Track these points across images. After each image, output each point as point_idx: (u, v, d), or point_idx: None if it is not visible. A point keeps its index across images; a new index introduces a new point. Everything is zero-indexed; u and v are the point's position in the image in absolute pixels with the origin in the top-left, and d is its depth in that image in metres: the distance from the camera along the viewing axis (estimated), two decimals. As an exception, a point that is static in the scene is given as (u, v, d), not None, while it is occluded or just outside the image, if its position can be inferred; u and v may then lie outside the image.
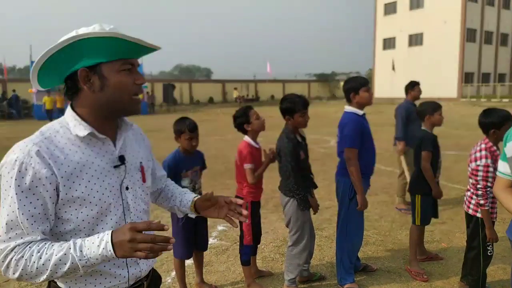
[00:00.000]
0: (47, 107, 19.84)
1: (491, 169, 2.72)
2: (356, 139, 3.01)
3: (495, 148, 2.81)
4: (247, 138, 3.10)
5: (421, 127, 3.52)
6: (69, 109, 1.26)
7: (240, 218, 1.46)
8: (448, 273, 3.43)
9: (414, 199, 3.45)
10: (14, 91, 25.21)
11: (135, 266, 1.31)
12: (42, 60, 1.17)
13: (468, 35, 36.28)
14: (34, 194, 1.11)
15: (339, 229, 3.23)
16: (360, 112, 3.09)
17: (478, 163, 2.76)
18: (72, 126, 1.21)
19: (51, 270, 1.07)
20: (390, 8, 41.77)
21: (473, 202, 2.88)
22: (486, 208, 2.74)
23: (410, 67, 36.98)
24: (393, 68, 31.62)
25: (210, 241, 3.92)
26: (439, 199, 3.53)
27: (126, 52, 1.21)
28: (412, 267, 3.41)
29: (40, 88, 1.29)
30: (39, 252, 1.09)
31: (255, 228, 3.19)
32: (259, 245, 3.44)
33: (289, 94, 3.12)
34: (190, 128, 2.90)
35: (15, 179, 1.10)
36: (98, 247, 1.07)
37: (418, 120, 3.68)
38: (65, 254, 1.07)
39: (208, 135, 13.03)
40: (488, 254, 2.89)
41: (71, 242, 1.09)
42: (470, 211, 2.91)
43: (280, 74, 59.63)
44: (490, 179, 2.71)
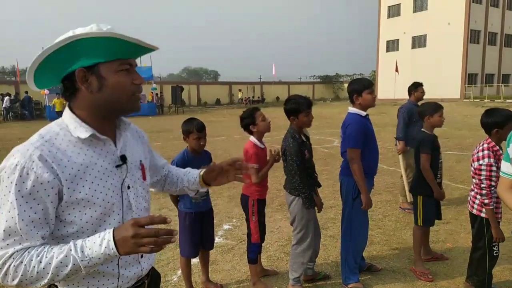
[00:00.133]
0: (57, 109, 20.02)
1: (494, 168, 2.72)
2: (358, 140, 3.03)
3: (497, 147, 2.82)
4: (252, 139, 3.14)
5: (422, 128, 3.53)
6: (67, 110, 1.23)
7: (249, 172, 1.53)
8: (454, 273, 3.43)
9: (416, 200, 3.46)
10: (27, 92, 25.41)
11: (136, 265, 1.30)
12: (38, 60, 1.15)
13: (472, 37, 36.14)
14: (35, 199, 1.09)
15: (344, 228, 3.25)
16: (363, 113, 3.12)
17: (481, 162, 2.77)
18: (72, 128, 1.19)
19: (52, 273, 1.06)
20: (394, 11, 41.74)
21: (477, 202, 2.88)
22: (491, 207, 2.75)
23: (413, 68, 36.90)
24: (396, 70, 31.53)
25: (216, 240, 3.95)
26: (443, 200, 3.52)
27: (124, 52, 1.20)
28: (417, 267, 3.42)
29: (36, 89, 1.27)
30: (38, 256, 1.07)
31: (261, 226, 3.22)
32: (263, 243, 3.46)
33: (293, 95, 3.17)
34: (198, 128, 2.95)
35: (16, 184, 1.07)
36: (100, 246, 1.06)
37: (420, 121, 3.70)
38: (66, 256, 1.06)
39: (214, 135, 13.12)
40: (494, 254, 2.89)
41: (71, 244, 1.08)
42: (474, 211, 2.91)
43: (285, 76, 59.83)
44: (494, 178, 2.71)
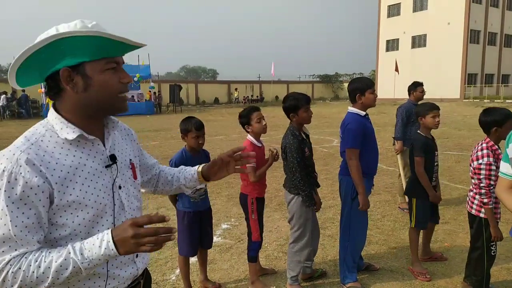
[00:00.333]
0: (50, 107, 19.96)
1: (493, 167, 2.72)
2: (357, 140, 3.03)
3: (496, 147, 2.81)
4: (249, 137, 3.14)
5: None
6: (52, 111, 1.20)
7: (249, 160, 1.48)
8: (451, 273, 3.44)
9: (410, 202, 3.48)
10: (24, 91, 25.30)
11: (131, 265, 1.29)
12: (21, 59, 1.11)
13: (472, 37, 36.18)
14: (26, 204, 1.06)
15: (342, 228, 3.25)
16: (363, 113, 3.12)
17: (480, 161, 2.76)
18: (58, 129, 1.16)
19: (52, 277, 1.05)
20: (394, 10, 41.77)
21: (475, 202, 2.89)
22: (490, 206, 2.75)
23: (413, 68, 36.93)
24: (396, 70, 31.54)
25: (214, 239, 3.94)
26: (438, 203, 3.51)
27: (111, 51, 1.15)
28: (414, 268, 3.42)
29: (18, 87, 1.23)
30: (36, 261, 1.05)
31: (259, 224, 3.22)
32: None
33: (291, 93, 3.17)
34: (196, 127, 2.94)
35: (5, 190, 1.04)
36: (99, 247, 1.06)
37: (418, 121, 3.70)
38: (65, 259, 1.05)
39: (213, 134, 13.13)
40: (492, 254, 2.90)
41: (69, 247, 1.07)
42: (473, 211, 2.91)
43: (284, 75, 59.87)
44: (493, 178, 2.71)
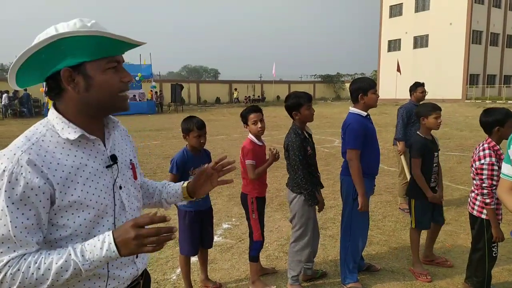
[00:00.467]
0: (49, 106, 20.01)
1: (496, 167, 2.71)
2: (358, 140, 3.03)
3: (498, 147, 2.81)
4: (250, 136, 3.17)
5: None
6: (53, 110, 1.19)
7: (231, 169, 1.48)
8: (452, 274, 3.43)
9: (410, 202, 3.49)
10: (26, 89, 25.40)
11: (131, 266, 1.29)
12: (21, 60, 1.10)
13: (474, 37, 36.11)
14: (26, 205, 1.05)
15: (343, 228, 3.25)
16: (364, 113, 3.12)
17: (483, 161, 2.76)
18: (59, 129, 1.15)
19: (52, 279, 1.05)
20: (396, 10, 41.73)
21: (477, 203, 2.88)
22: (492, 206, 2.74)
23: (415, 69, 36.87)
24: (398, 70, 31.50)
25: (215, 239, 3.95)
26: (439, 203, 3.49)
27: (111, 50, 1.15)
28: (415, 269, 3.42)
29: (18, 88, 1.22)
30: (36, 263, 1.05)
31: (260, 224, 3.22)
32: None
33: (292, 92, 3.20)
34: (198, 126, 2.95)
35: (5, 190, 1.04)
36: (101, 249, 1.06)
37: (418, 122, 3.70)
38: (66, 261, 1.05)
39: (214, 134, 13.15)
40: (493, 255, 2.89)
41: (70, 248, 1.07)
42: (475, 213, 2.90)
43: (286, 75, 59.91)
44: (495, 178, 2.70)
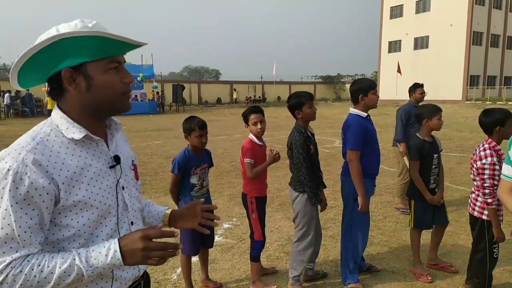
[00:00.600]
0: (49, 107, 20.04)
1: (497, 167, 2.70)
2: (358, 141, 3.03)
3: (499, 147, 2.81)
4: (251, 136, 3.19)
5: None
6: (57, 110, 1.19)
7: (212, 224, 1.50)
8: (453, 275, 3.43)
9: (409, 202, 3.51)
10: (28, 89, 25.42)
11: (134, 267, 1.30)
12: (22, 60, 1.10)
13: (475, 38, 36.12)
14: (30, 205, 1.05)
15: (344, 229, 3.25)
16: (364, 114, 3.13)
17: (484, 161, 2.75)
18: (64, 128, 1.15)
19: (54, 282, 1.04)
20: (396, 12, 41.77)
21: (478, 204, 2.88)
22: (493, 206, 2.74)
23: (415, 70, 36.88)
24: (398, 71, 31.50)
25: (216, 238, 3.96)
26: (438, 205, 3.46)
27: (112, 50, 1.16)
28: (416, 269, 3.42)
29: (20, 88, 1.22)
30: (39, 265, 1.04)
31: (260, 223, 3.22)
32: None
33: (294, 92, 3.22)
34: (199, 126, 2.96)
35: (9, 189, 1.03)
36: (106, 256, 1.06)
37: (417, 123, 3.69)
38: (69, 266, 1.05)
39: (215, 134, 13.15)
40: (494, 256, 2.88)
41: (74, 253, 1.08)
42: (476, 213, 2.90)
43: (287, 76, 59.99)
44: (497, 177, 2.69)
